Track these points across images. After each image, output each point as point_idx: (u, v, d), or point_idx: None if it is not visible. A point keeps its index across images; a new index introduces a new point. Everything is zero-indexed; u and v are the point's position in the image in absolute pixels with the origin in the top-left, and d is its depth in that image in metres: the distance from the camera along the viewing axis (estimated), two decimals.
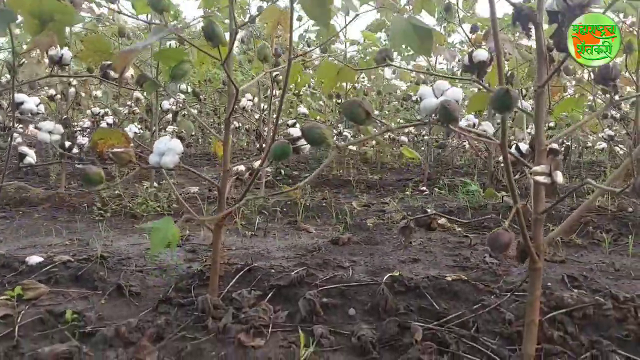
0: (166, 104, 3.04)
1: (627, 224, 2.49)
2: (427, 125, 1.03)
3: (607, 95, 1.30)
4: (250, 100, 3.08)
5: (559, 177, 1.07)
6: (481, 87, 1.25)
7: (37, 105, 1.82)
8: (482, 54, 1.28)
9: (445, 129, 0.98)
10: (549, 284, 1.63)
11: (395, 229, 2.50)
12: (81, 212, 2.91)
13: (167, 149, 1.22)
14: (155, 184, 3.93)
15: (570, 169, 6.33)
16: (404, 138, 4.25)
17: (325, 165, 1.10)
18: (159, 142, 1.23)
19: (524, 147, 1.45)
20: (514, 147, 1.46)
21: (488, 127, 2.85)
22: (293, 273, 1.50)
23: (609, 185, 1.12)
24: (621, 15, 2.70)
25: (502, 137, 1.03)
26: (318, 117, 4.59)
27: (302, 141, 1.47)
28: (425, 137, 4.60)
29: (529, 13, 1.13)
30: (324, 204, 3.15)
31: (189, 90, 3.10)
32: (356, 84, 5.97)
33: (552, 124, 4.55)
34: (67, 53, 1.64)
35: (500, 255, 1.47)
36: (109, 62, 1.78)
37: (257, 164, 1.63)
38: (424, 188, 4.30)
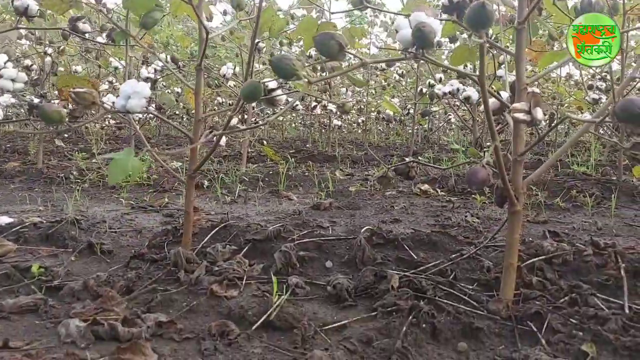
0: (144, 72, 2.97)
1: (610, 188, 2.48)
2: (406, 57, 0.99)
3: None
4: (231, 68, 3.01)
5: (539, 114, 1.04)
6: (462, 28, 1.20)
7: (4, 63, 1.75)
8: None
9: (423, 59, 0.94)
10: (530, 239, 1.61)
11: (376, 195, 2.47)
12: (58, 183, 2.84)
13: (134, 92, 1.16)
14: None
15: (555, 146, 6.35)
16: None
17: (278, 114, 1.05)
18: (125, 85, 1.18)
19: (504, 95, 1.42)
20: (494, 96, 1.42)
21: (472, 93, 2.81)
22: (270, 228, 1.46)
23: (600, 115, 1.08)
24: None
25: (480, 70, 0.99)
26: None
27: (278, 91, 1.42)
28: (411, 111, 4.56)
29: None
30: (306, 174, 3.11)
31: (169, 59, 3.02)
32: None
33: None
34: (32, 3, 1.57)
35: (475, 189, 1.43)
36: (78, 15, 1.71)
37: (234, 121, 1.58)
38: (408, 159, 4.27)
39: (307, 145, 5.75)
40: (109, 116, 4.55)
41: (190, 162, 1.36)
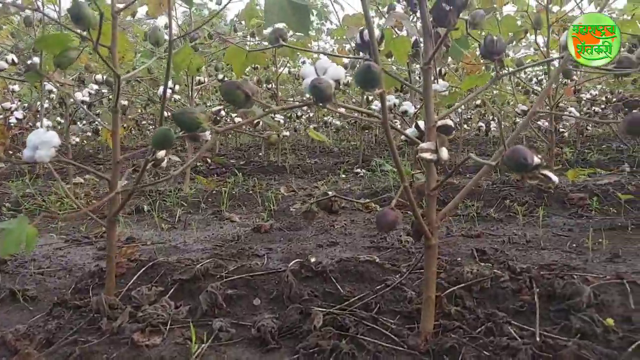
0: (79, 95, 2.88)
1: (543, 195, 2.57)
2: (312, 106, 1.00)
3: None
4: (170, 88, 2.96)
5: (444, 154, 1.06)
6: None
7: None
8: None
9: (322, 108, 0.95)
10: (459, 258, 1.65)
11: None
12: None
13: (41, 142, 1.13)
14: (80, 180, 3.76)
15: (491, 144, 6.52)
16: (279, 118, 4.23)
17: (203, 153, 1.05)
18: (32, 135, 1.14)
19: (422, 124, 1.44)
20: (413, 125, 1.44)
21: (408, 107, 2.86)
22: (198, 266, 1.45)
23: (495, 160, 1.12)
24: None
25: (382, 114, 1.01)
26: None
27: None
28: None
29: None
30: (250, 192, 3.10)
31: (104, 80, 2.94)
32: (291, 68, 5.90)
33: (478, 102, 4.66)
34: None
35: (385, 232, 1.46)
36: None
37: (162, 153, 1.56)
38: (358, 170, 4.32)
39: (260, 154, 5.72)
40: None
41: (111, 205, 1.34)
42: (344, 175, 4.12)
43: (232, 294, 1.35)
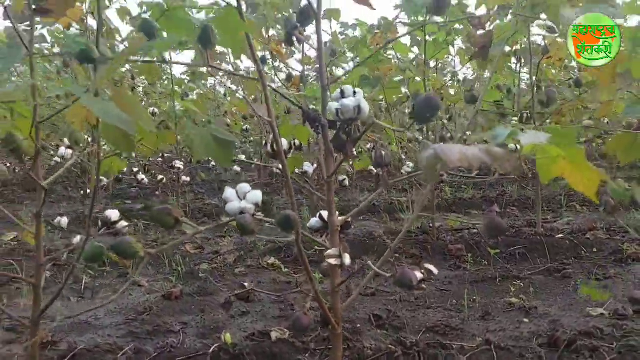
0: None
1: (427, 247, 2.90)
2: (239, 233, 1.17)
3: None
4: (69, 147, 2.95)
5: (347, 260, 1.27)
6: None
7: None
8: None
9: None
10: (359, 325, 1.88)
11: (227, 275, 2.61)
12: None
13: None
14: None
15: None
16: None
17: None
18: None
19: (325, 215, 1.65)
20: (317, 215, 1.64)
21: (308, 168, 3.09)
22: (120, 355, 1.53)
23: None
24: None
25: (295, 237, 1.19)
26: None
27: (123, 223, 1.51)
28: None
29: (315, 116, 1.32)
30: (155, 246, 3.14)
31: None
32: None
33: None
34: None
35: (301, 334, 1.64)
36: None
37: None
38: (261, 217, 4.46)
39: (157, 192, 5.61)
40: None
41: (34, 309, 1.39)
42: None
43: None
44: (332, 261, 1.28)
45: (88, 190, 3.35)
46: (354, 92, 1.25)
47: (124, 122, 0.84)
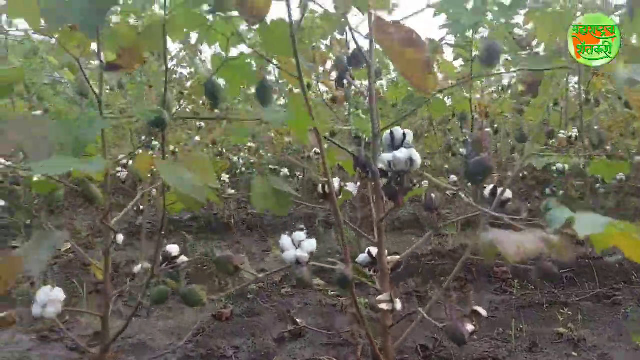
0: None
1: (472, 269, 2.90)
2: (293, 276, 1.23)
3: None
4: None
5: (399, 305, 1.32)
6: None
7: None
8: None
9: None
10: (406, 355, 1.91)
11: (274, 295, 2.68)
12: None
13: (49, 300, 1.29)
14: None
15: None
16: None
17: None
18: (40, 293, 1.29)
19: (374, 251, 1.69)
20: (366, 251, 1.68)
21: (352, 188, 3.13)
22: None
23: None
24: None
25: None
26: None
27: (183, 258, 1.59)
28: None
29: (366, 162, 1.36)
30: (205, 267, 3.25)
31: None
32: None
33: None
34: None
35: None
36: None
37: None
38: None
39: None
40: None
41: (103, 334, 1.48)
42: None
43: None
44: (384, 306, 1.32)
45: (141, 207, 3.48)
46: (404, 135, 1.29)
47: (196, 192, 0.90)
